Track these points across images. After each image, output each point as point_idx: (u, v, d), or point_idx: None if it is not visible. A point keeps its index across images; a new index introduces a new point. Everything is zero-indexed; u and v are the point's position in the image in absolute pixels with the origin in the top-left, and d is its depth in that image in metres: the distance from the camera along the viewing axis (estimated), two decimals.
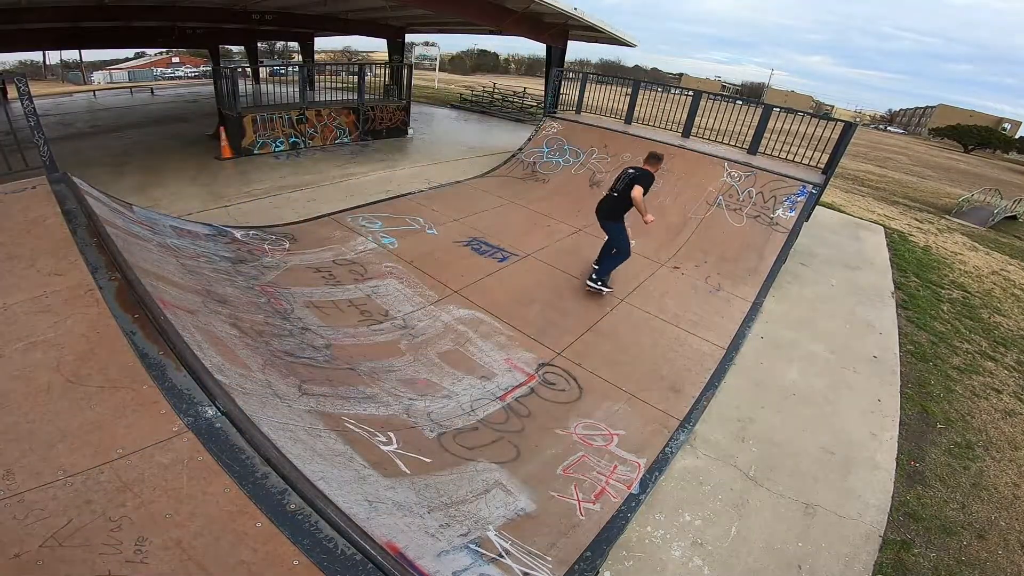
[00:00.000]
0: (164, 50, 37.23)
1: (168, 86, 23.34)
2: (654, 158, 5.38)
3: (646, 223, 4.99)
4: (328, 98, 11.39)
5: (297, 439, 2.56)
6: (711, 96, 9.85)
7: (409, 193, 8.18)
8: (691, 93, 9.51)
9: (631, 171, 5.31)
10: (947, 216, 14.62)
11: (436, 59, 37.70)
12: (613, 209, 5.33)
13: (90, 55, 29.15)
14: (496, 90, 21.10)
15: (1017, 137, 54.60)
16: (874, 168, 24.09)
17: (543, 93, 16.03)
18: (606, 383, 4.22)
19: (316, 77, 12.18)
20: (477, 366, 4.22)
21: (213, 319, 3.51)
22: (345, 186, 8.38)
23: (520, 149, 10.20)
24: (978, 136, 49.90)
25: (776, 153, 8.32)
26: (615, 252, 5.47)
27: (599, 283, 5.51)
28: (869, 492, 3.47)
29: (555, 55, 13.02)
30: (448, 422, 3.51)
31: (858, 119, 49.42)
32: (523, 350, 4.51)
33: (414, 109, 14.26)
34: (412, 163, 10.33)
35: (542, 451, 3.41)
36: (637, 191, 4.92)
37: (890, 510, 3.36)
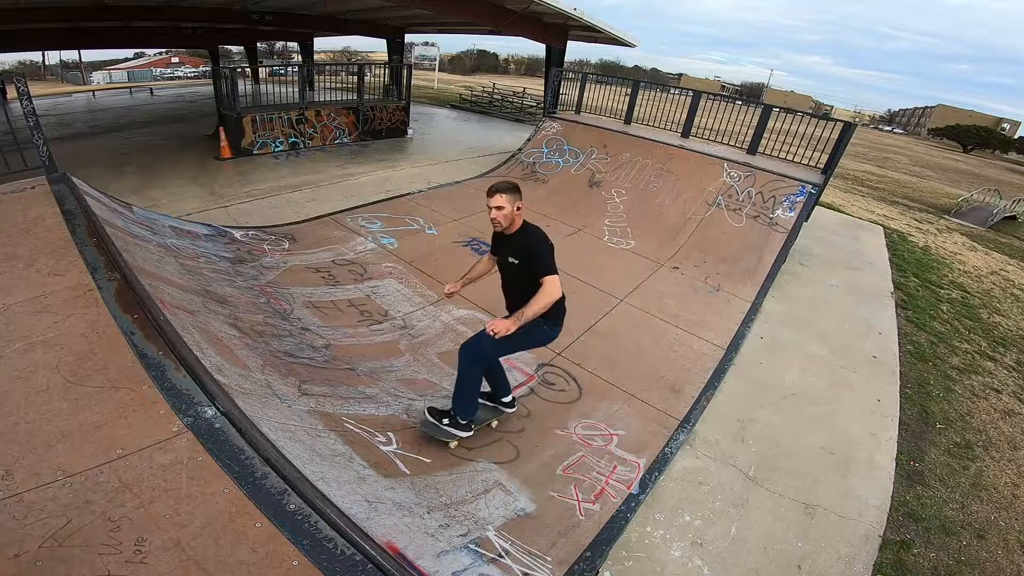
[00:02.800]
0: (164, 50, 37.21)
1: (168, 86, 23.34)
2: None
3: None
4: (327, 98, 11.39)
5: (297, 439, 2.56)
6: (710, 96, 9.85)
7: (409, 193, 8.18)
8: (691, 93, 9.52)
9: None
10: (946, 216, 14.63)
11: (436, 59, 37.68)
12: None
13: (89, 55, 29.11)
14: (496, 90, 21.10)
15: (1016, 137, 54.63)
16: (873, 168, 24.10)
17: (543, 93, 16.04)
18: (606, 383, 4.22)
19: (316, 77, 12.18)
20: None
21: (213, 319, 3.51)
22: (344, 186, 8.38)
23: (520, 149, 10.20)
24: (977, 136, 49.92)
25: (775, 153, 8.32)
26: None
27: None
28: (869, 492, 3.47)
29: (555, 55, 13.02)
30: None
31: (857, 119, 49.50)
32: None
33: (414, 109, 14.26)
34: (412, 163, 10.33)
35: (542, 451, 3.41)
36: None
37: (890, 510, 3.36)
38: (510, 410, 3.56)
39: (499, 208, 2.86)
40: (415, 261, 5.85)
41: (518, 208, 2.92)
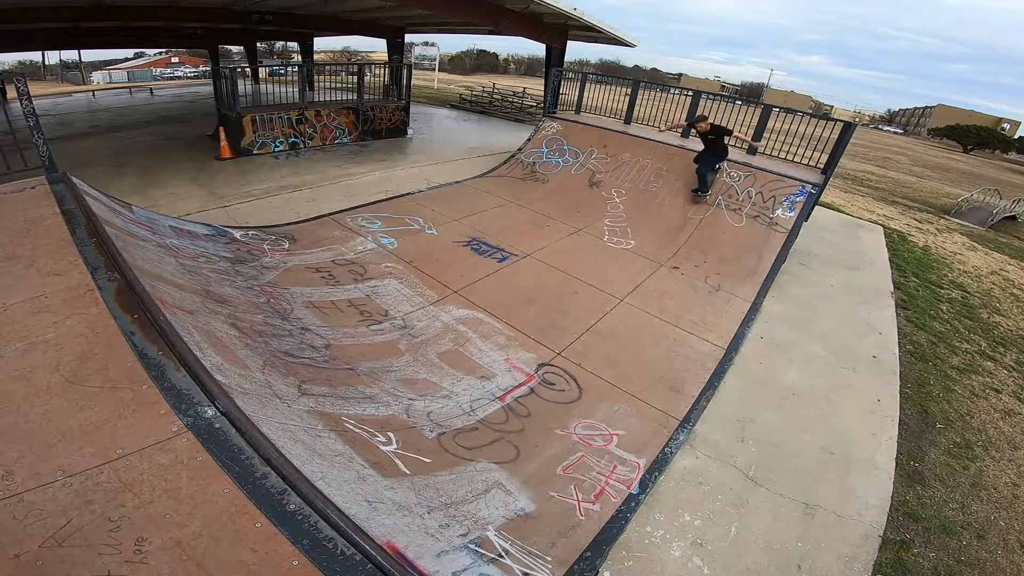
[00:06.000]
0: (163, 50, 37.24)
1: (167, 86, 23.34)
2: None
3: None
4: (327, 98, 11.38)
5: (297, 439, 2.56)
6: (710, 96, 9.85)
7: (409, 193, 8.18)
8: (690, 93, 9.52)
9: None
10: (946, 216, 14.62)
11: (436, 59, 37.69)
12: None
13: (89, 55, 29.12)
14: (496, 90, 21.10)
15: (1016, 137, 54.61)
16: (873, 168, 24.11)
17: (543, 93, 16.04)
18: (606, 383, 4.22)
19: (315, 77, 12.18)
20: (477, 366, 4.22)
21: (212, 319, 3.51)
22: (344, 186, 8.38)
23: (520, 149, 10.20)
24: (977, 136, 49.93)
25: (776, 153, 8.32)
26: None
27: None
28: (869, 492, 3.48)
29: (555, 55, 13.01)
30: (448, 422, 3.51)
31: (857, 119, 49.45)
32: (523, 350, 4.51)
33: (413, 109, 14.25)
34: (411, 163, 10.33)
35: (542, 451, 3.41)
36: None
37: (889, 510, 3.37)
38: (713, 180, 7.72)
39: (702, 125, 7.35)
40: (415, 261, 5.85)
41: (709, 122, 7.36)
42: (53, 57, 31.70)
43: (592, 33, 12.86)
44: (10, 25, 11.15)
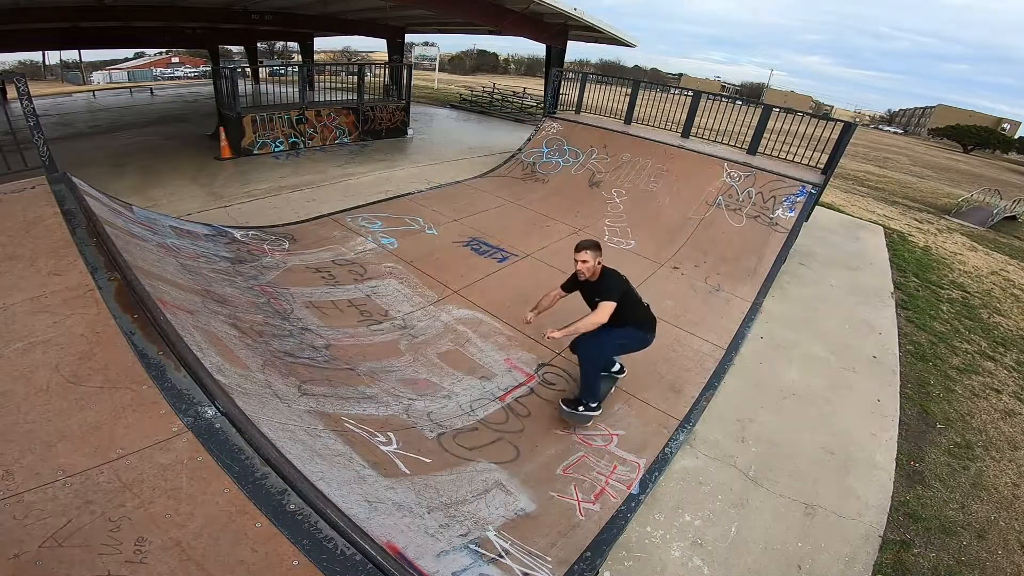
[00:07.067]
0: (164, 50, 37.25)
1: (168, 86, 23.33)
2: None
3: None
4: (327, 98, 11.39)
5: (297, 439, 2.56)
6: (710, 96, 9.85)
7: (409, 193, 8.18)
8: (691, 93, 9.52)
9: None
10: (947, 216, 14.62)
11: (436, 59, 37.71)
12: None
13: (90, 55, 29.08)
14: (496, 90, 21.10)
15: (1016, 137, 54.66)
16: (874, 168, 24.11)
17: (543, 93, 16.04)
18: None
19: (316, 77, 12.19)
20: (477, 366, 4.22)
21: (213, 319, 3.51)
22: (344, 186, 8.38)
23: (520, 149, 10.19)
24: (977, 136, 49.99)
25: (776, 153, 8.32)
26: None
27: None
28: (869, 492, 3.47)
29: (555, 55, 13.03)
30: (448, 422, 3.51)
31: (857, 119, 49.44)
32: (523, 350, 4.51)
33: (414, 109, 14.25)
34: (412, 163, 10.33)
35: (542, 451, 3.41)
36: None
37: (890, 510, 3.36)
38: (621, 375, 4.14)
39: (584, 262, 3.47)
40: (415, 261, 5.85)
41: (599, 262, 3.55)
42: (53, 57, 31.66)
43: (592, 33, 12.87)
44: (10, 25, 11.15)
